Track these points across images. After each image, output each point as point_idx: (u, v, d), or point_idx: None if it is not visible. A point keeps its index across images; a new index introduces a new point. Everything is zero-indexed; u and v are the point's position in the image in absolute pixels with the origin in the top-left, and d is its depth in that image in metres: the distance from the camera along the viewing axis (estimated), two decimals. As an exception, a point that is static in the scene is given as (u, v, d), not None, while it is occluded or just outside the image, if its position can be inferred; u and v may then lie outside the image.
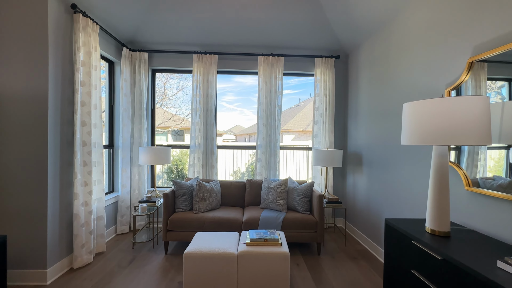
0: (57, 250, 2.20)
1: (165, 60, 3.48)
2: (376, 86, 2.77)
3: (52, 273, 2.15)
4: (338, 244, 2.99)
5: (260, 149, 3.48)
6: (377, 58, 2.75)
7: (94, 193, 2.58)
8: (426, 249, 1.31)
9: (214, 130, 3.47)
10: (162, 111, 9.64)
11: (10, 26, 2.03)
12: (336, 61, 3.58)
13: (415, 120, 1.39)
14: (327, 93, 3.47)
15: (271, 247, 1.97)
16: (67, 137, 2.31)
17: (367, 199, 2.93)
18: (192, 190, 2.91)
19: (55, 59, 2.15)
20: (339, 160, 3.10)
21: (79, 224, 2.34)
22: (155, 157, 2.99)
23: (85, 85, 2.42)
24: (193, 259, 1.88)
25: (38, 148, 2.07)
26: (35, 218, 2.07)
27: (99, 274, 2.27)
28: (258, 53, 3.42)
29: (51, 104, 2.11)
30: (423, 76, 2.02)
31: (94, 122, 2.55)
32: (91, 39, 2.47)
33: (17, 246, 2.06)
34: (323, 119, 3.48)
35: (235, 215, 2.75)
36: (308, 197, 2.87)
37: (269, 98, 3.45)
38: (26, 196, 2.06)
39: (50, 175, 2.11)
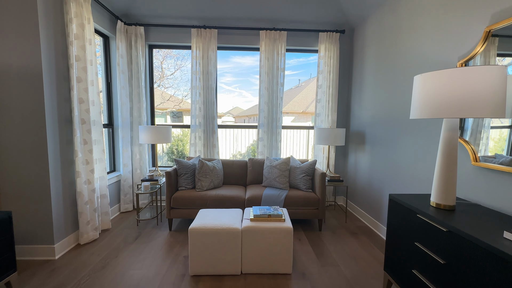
0: (63, 227, 2.23)
1: (162, 35, 3.32)
2: (383, 61, 2.67)
3: (60, 248, 2.19)
4: (338, 221, 3.05)
5: (262, 128, 3.43)
6: (385, 31, 2.62)
7: (96, 172, 2.57)
8: (431, 221, 1.32)
9: (215, 109, 3.40)
10: (160, 92, 9.43)
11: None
12: (341, 36, 3.43)
13: (427, 93, 1.33)
14: (331, 70, 3.36)
15: (275, 222, 2.00)
16: (65, 115, 2.25)
17: (368, 176, 2.94)
18: (194, 169, 2.90)
19: (47, 31, 2.03)
20: (341, 138, 3.08)
21: (83, 202, 2.36)
22: (155, 136, 2.95)
23: (80, 60, 2.31)
24: (198, 234, 1.91)
25: (36, 126, 2.02)
26: (39, 196, 2.07)
27: (106, 249, 2.32)
28: (260, 27, 3.26)
29: (46, 79, 2.02)
30: (435, 49, 1.94)
31: (92, 99, 2.47)
32: (83, 10, 2.32)
33: (23, 223, 2.09)
34: (326, 97, 3.40)
35: (238, 193, 2.77)
36: (310, 175, 2.88)
37: (271, 76, 3.34)
38: (28, 174, 2.05)
39: (50, 152, 2.08)
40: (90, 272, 1.97)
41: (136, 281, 1.86)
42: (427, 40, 2.02)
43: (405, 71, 2.29)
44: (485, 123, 1.52)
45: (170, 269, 2.02)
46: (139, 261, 2.13)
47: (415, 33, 2.17)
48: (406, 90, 2.27)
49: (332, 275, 1.97)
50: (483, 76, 1.16)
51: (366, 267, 2.09)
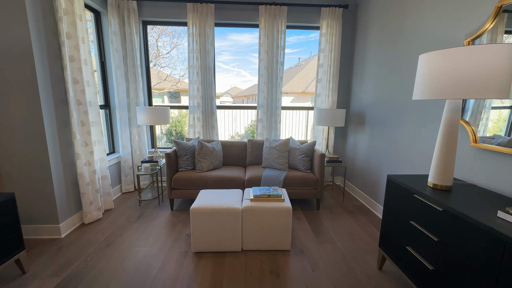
0: (66, 207, 2.27)
1: (156, 10, 3.16)
2: (386, 38, 2.58)
3: (65, 228, 2.25)
4: (336, 200, 3.13)
5: (261, 109, 3.39)
6: (390, 6, 2.50)
7: (96, 153, 2.57)
8: (427, 201, 1.35)
9: (213, 89, 3.33)
10: (156, 72, 9.17)
11: (-26, -37, 1.76)
12: (344, 12, 3.27)
13: (431, 72, 1.30)
14: (333, 48, 3.25)
15: (274, 202, 2.04)
16: (60, 96, 2.20)
17: (367, 157, 2.97)
18: (194, 150, 2.91)
19: (33, 6, 1.91)
20: (341, 119, 3.06)
21: (85, 183, 2.38)
22: (153, 117, 2.92)
23: (72, 37, 2.21)
24: (200, 214, 1.95)
25: (32, 107, 1.97)
26: (40, 177, 2.09)
27: (110, 228, 2.39)
28: (260, 2, 3.09)
29: (37, 58, 1.94)
30: (441, 26, 1.86)
31: (87, 79, 2.40)
32: (71, -18, 2.18)
33: (28, 204, 2.12)
34: (327, 77, 3.32)
35: (238, 173, 2.80)
36: (309, 156, 2.90)
37: (271, 54, 3.23)
38: (28, 156, 2.04)
39: (48, 134, 2.06)
40: (96, 249, 2.04)
41: (141, 258, 1.94)
42: (432, 16, 1.94)
43: (410, 49, 2.22)
44: (486, 104, 1.51)
45: (173, 246, 2.09)
46: (143, 239, 2.20)
47: (420, 8, 2.07)
48: (409, 69, 2.22)
49: (329, 251, 2.06)
50: (491, 55, 1.13)
51: (362, 244, 2.17)
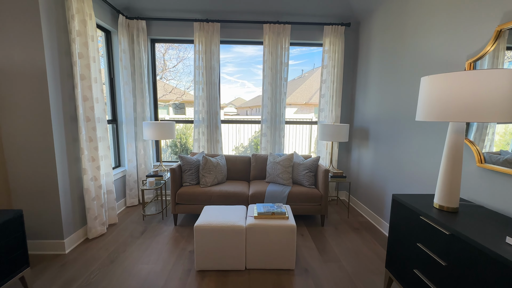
0: (71, 222, 2.29)
1: (164, 28, 3.28)
2: (388, 56, 2.62)
3: (69, 243, 2.26)
4: (341, 216, 3.09)
5: (265, 124, 3.43)
6: (391, 26, 2.56)
7: (102, 168, 2.60)
8: (434, 224, 1.33)
9: (218, 104, 3.39)
10: (162, 84, 9.38)
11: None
12: (347, 30, 3.35)
13: (433, 95, 1.32)
14: (335, 64, 3.31)
15: (278, 220, 2.03)
16: (70, 113, 2.27)
17: (371, 173, 2.95)
18: (198, 164, 2.93)
19: (49, 29, 2.01)
20: (345, 135, 3.07)
21: (90, 198, 2.41)
22: (159, 132, 2.96)
23: (83, 57, 2.30)
24: (203, 231, 1.95)
25: (43, 124, 2.04)
26: (47, 193, 2.12)
27: (114, 243, 2.39)
28: (264, 21, 3.19)
29: (50, 78, 2.02)
30: (443, 46, 1.89)
31: (96, 96, 2.48)
32: (84, 5, 2.29)
33: (34, 219, 2.14)
34: (330, 92, 3.37)
35: (242, 189, 2.81)
36: (313, 172, 2.90)
37: (275, 70, 3.30)
38: (37, 172, 2.09)
39: (57, 150, 2.10)
40: (99, 266, 2.04)
41: (144, 276, 1.92)
42: (434, 37, 1.98)
43: (411, 68, 2.25)
44: (492, 123, 1.51)
45: (177, 264, 2.08)
46: (146, 256, 2.19)
47: (422, 29, 2.12)
48: (411, 87, 2.24)
49: (334, 271, 2.02)
50: (494, 80, 1.14)
51: (368, 263, 2.13)
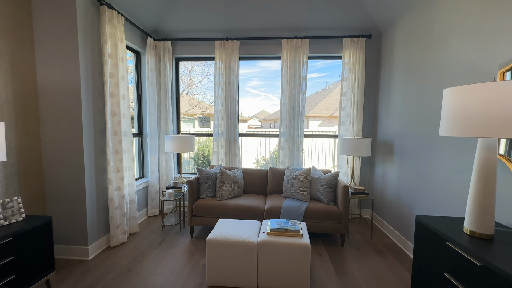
0: (95, 230, 2.43)
1: (188, 48, 3.49)
2: (412, 67, 2.49)
3: (93, 250, 2.39)
4: (363, 236, 2.88)
5: (283, 137, 3.40)
6: (415, 36, 2.45)
7: (126, 179, 2.76)
8: (463, 252, 1.18)
9: (237, 118, 3.46)
10: (188, 98, 9.88)
11: (45, 23, 2.15)
12: (368, 41, 3.28)
13: (458, 108, 1.21)
14: (356, 76, 3.22)
15: (292, 237, 1.95)
16: (100, 127, 2.46)
17: (397, 191, 2.74)
18: (216, 177, 2.97)
19: (85, 52, 2.25)
20: (367, 149, 2.92)
21: (114, 207, 2.54)
22: (180, 145, 3.08)
23: (113, 76, 2.52)
24: (215, 245, 1.94)
25: (75, 138, 2.24)
26: (76, 201, 2.29)
27: (133, 253, 2.47)
28: (282, 36, 3.25)
29: (83, 95, 2.24)
30: (472, 55, 1.75)
31: (123, 112, 2.67)
32: (117, 30, 2.53)
33: (62, 225, 2.32)
34: (351, 105, 3.26)
35: (257, 203, 2.77)
36: (332, 188, 2.77)
37: (293, 84, 3.31)
38: (67, 182, 2.27)
39: (86, 162, 2.28)
40: (117, 274, 2.11)
41: (158, 287, 1.95)
42: (463, 45, 1.84)
43: (438, 79, 2.10)
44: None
45: (189, 278, 2.08)
46: (161, 267, 2.23)
47: (449, 38, 1.99)
48: (438, 99, 2.09)
49: (353, 297, 1.86)
50: (525, 91, 1.02)
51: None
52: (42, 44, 2.17)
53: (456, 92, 1.23)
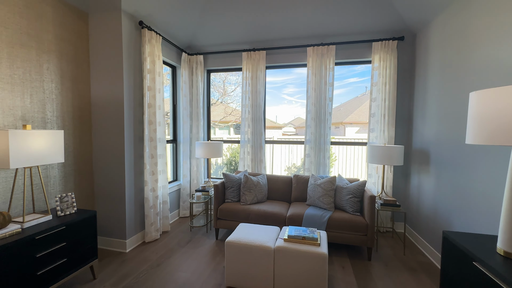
0: (133, 226, 2.72)
1: (217, 60, 3.73)
2: (450, 70, 2.29)
3: (130, 243, 2.67)
4: (395, 252, 2.67)
5: (309, 144, 3.37)
6: (453, 35, 2.25)
7: (160, 181, 3.03)
8: (490, 274, 1.05)
9: (263, 125, 3.55)
10: (223, 107, 10.36)
11: (98, 47, 2.56)
12: (400, 44, 3.10)
13: (485, 113, 1.11)
14: (387, 81, 3.06)
15: (309, 246, 1.93)
16: (139, 134, 2.78)
17: (433, 204, 2.50)
18: (240, 182, 3.08)
19: (128, 69, 2.59)
20: (398, 157, 2.73)
21: (149, 206, 2.82)
22: (208, 151, 3.28)
23: (151, 89, 2.84)
24: (234, 247, 2.02)
25: (118, 143, 2.57)
26: (117, 199, 2.61)
27: (163, 249, 2.69)
28: (307, 44, 3.27)
29: (126, 107, 2.57)
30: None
31: (159, 120, 2.97)
32: (155, 49, 2.86)
33: (105, 219, 2.65)
34: (381, 111, 3.10)
35: (280, 209, 2.79)
36: (358, 197, 2.65)
37: (319, 91, 3.28)
38: (111, 181, 2.61)
39: (126, 165, 2.60)
40: (148, 267, 2.33)
41: (181, 283, 2.10)
42: (508, 43, 1.65)
43: (477, 82, 1.90)
44: None
45: (210, 277, 2.19)
46: (186, 265, 2.39)
47: (491, 35, 1.80)
48: (478, 103, 1.88)
49: (374, 315, 1.75)
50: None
51: (421, 314, 1.77)
52: (95, 64, 2.57)
53: (482, 96, 1.13)
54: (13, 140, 1.59)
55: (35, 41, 2.08)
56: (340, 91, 4.03)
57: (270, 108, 6.21)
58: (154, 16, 2.85)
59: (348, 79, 10.07)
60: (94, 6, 2.48)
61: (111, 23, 2.49)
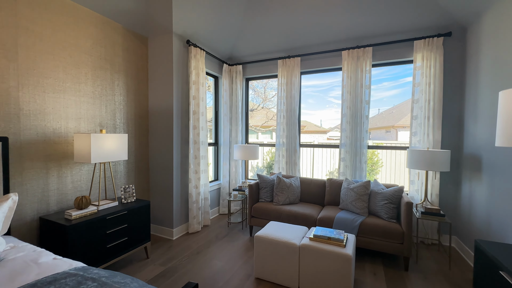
0: (178, 217, 3.12)
1: (255, 68, 3.99)
2: (505, 66, 2.06)
3: (176, 232, 3.07)
4: (439, 265, 2.46)
5: (344, 148, 3.33)
6: (509, 28, 2.03)
7: (201, 179, 3.40)
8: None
9: (297, 129, 3.65)
10: (265, 112, 10.67)
11: (154, 65, 3.06)
12: (447, 40, 2.86)
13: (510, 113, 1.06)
14: (431, 81, 2.85)
15: (334, 246, 1.97)
16: (185, 137, 3.20)
17: (486, 216, 2.23)
18: (273, 184, 3.23)
19: (177, 82, 3.03)
20: (443, 163, 2.52)
21: (192, 201, 3.20)
22: (245, 153, 3.54)
23: (196, 98, 3.24)
24: (262, 242, 2.19)
25: (168, 146, 3.01)
26: (166, 193, 3.04)
27: (203, 240, 3.02)
28: (342, 48, 3.27)
29: (174, 114, 3.00)
30: None
31: (202, 125, 3.36)
32: (199, 63, 3.27)
33: (157, 210, 3.11)
34: (425, 113, 2.89)
35: (311, 211, 2.84)
36: (394, 204, 2.54)
37: (354, 94, 3.23)
38: (162, 178, 3.06)
39: (174, 164, 3.02)
40: (189, 254, 2.66)
41: (215, 270, 2.35)
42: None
43: (532, 78, 1.70)
44: None
45: (241, 268, 2.39)
46: (222, 255, 2.65)
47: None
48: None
49: (402, 324, 1.70)
50: None
51: (458, 331, 1.64)
52: (152, 79, 3.09)
53: (509, 95, 1.08)
54: (93, 141, 2.08)
55: (109, 64, 2.64)
56: (394, 92, 3.87)
57: (315, 112, 6.14)
58: (199, 34, 3.26)
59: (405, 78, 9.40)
60: (152, 31, 3.00)
61: (164, 44, 2.97)
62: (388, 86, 4.37)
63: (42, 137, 2.10)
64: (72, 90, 2.30)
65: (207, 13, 3.13)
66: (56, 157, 2.19)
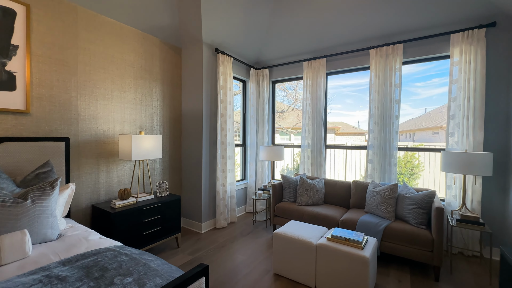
0: (207, 212, 3.36)
1: (281, 71, 4.08)
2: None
3: (205, 227, 3.31)
4: (477, 279, 2.23)
5: (372, 150, 3.22)
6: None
7: (228, 178, 3.60)
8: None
9: (323, 131, 3.63)
10: (296, 113, 10.62)
11: (186, 72, 3.37)
12: (490, 31, 2.59)
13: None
14: (471, 77, 2.61)
15: (351, 247, 1.96)
16: (213, 139, 3.44)
17: (535, 227, 1.97)
18: (297, 184, 3.27)
19: (206, 87, 3.29)
20: (484, 166, 2.29)
21: (219, 198, 3.41)
22: (270, 154, 3.64)
23: (223, 102, 3.46)
24: (280, 239, 2.26)
25: (198, 146, 3.28)
26: (196, 189, 3.31)
27: (228, 235, 3.20)
28: (370, 46, 3.18)
29: (204, 117, 3.26)
30: None
31: (229, 127, 3.56)
32: (227, 68, 3.49)
33: (188, 204, 3.40)
34: (464, 112, 2.65)
35: (334, 213, 2.82)
36: (424, 209, 2.39)
37: (382, 94, 3.11)
38: (192, 175, 3.34)
39: (203, 163, 3.27)
40: (215, 247, 2.86)
41: (237, 263, 2.50)
42: None
43: None
44: None
45: (261, 263, 2.50)
46: (244, 250, 2.79)
47: None
48: None
49: (423, 333, 1.62)
50: None
51: None
52: (184, 85, 3.40)
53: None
54: (134, 142, 2.41)
55: (148, 74, 3.00)
56: (443, 89, 3.60)
57: (354, 113, 5.91)
58: (227, 42, 3.48)
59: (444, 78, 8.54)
60: (185, 42, 3.31)
61: (195, 53, 3.25)
62: (438, 82, 3.86)
63: (94, 138, 2.50)
64: (118, 97, 2.69)
65: (234, 22, 3.34)
66: (105, 155, 2.59)
